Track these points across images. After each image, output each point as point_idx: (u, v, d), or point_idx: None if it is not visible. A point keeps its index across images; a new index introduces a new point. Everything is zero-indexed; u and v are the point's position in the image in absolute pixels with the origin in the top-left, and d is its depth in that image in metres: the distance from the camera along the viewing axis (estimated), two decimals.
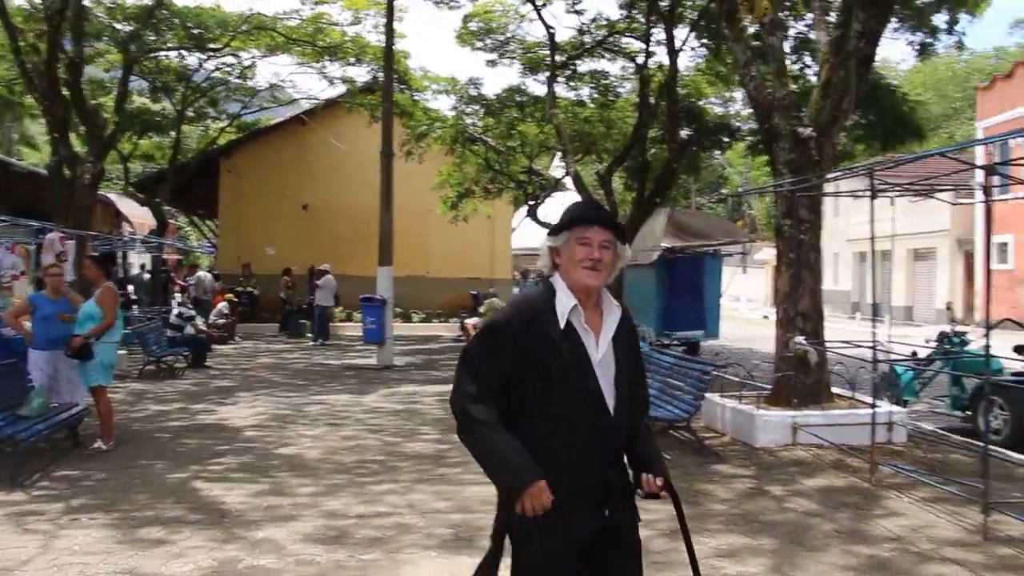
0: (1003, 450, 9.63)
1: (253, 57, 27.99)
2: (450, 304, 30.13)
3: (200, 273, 26.48)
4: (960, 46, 17.86)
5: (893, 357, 12.24)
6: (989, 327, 7.61)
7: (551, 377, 3.13)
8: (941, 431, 10.98)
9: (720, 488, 8.17)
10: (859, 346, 10.35)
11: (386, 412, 12.48)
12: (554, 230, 3.34)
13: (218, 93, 30.31)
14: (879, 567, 5.93)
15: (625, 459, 3.34)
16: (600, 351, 3.22)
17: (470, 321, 23.78)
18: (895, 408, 10.68)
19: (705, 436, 10.24)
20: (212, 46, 25.84)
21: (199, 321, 19.20)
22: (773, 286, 11.65)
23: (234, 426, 11.24)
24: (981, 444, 7.58)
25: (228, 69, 28.50)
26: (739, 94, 22.75)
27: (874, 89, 16.36)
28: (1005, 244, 32.40)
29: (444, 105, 29.62)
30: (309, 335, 24.47)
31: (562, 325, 3.16)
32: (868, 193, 9.02)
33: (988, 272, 8.33)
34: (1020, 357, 11.01)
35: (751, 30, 12.01)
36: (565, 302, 3.19)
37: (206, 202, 33.75)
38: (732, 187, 52.47)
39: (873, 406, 9.30)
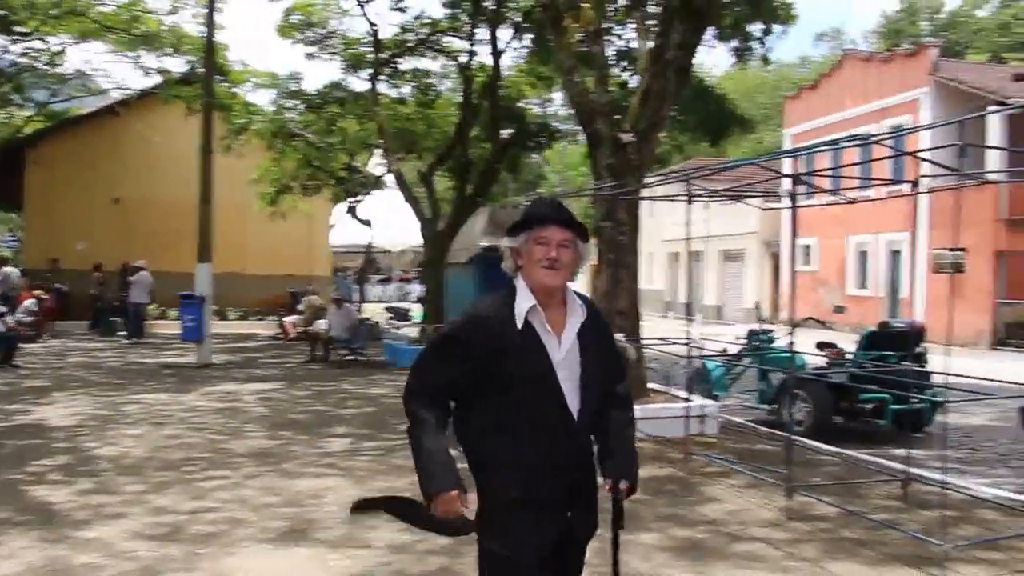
0: (805, 439, 10.24)
1: (63, 43, 26.75)
2: (268, 302, 29.61)
3: (7, 269, 25.09)
4: (766, 60, 18.92)
5: (705, 354, 12.83)
6: (794, 325, 8.15)
7: (511, 380, 3.08)
8: (750, 423, 11.60)
9: None
10: (675, 343, 10.82)
11: (208, 410, 12.23)
12: (512, 230, 3.28)
13: (24, 79, 28.81)
14: (695, 547, 6.31)
15: (595, 455, 3.33)
16: (562, 352, 3.16)
17: (288, 319, 23.45)
18: (707, 402, 11.22)
19: None
20: (19, 29, 24.56)
21: (9, 318, 18.26)
22: (592, 285, 12.02)
23: (53, 426, 10.85)
24: (785, 434, 8.12)
25: (36, 55, 27.14)
26: (558, 95, 23.29)
27: (702, 92, 17.13)
28: (808, 247, 34.21)
29: (264, 99, 29.11)
30: (121, 333, 23.60)
31: (519, 326, 3.10)
32: (685, 197, 9.47)
33: (793, 273, 8.88)
34: (822, 353, 11.78)
35: (576, 37, 12.34)
36: (523, 303, 3.13)
37: (10, 195, 31.97)
38: (549, 186, 53.47)
39: (687, 400, 9.77)
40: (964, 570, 5.80)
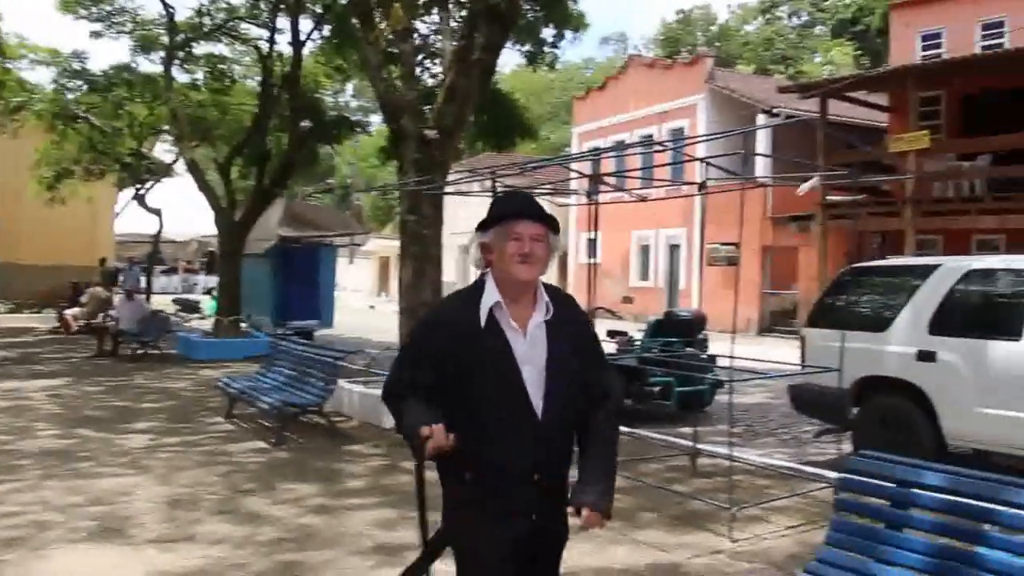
0: None
1: None
2: (46, 294, 28.20)
3: None
4: (551, 66, 19.71)
5: None
6: (590, 313, 8.70)
7: (474, 377, 3.05)
8: None
9: (357, 467, 8.66)
10: None
11: None
12: (482, 225, 3.22)
13: None
14: None
15: (572, 455, 3.25)
16: (526, 348, 3.10)
17: (69, 312, 22.36)
18: None
19: (336, 420, 10.66)
20: None
21: None
22: (398, 277, 12.31)
23: None
24: None
25: None
26: (351, 87, 23.23)
27: (493, 95, 17.57)
28: (593, 240, 35.55)
29: (44, 78, 27.54)
30: None
31: (483, 322, 3.07)
32: (490, 193, 9.88)
33: (593, 266, 9.48)
34: (613, 341, 12.53)
35: (385, 35, 12.55)
36: (488, 299, 3.11)
37: None
38: (341, 178, 53.22)
39: None
40: (747, 528, 6.49)
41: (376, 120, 35.42)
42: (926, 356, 8.04)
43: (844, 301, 9.36)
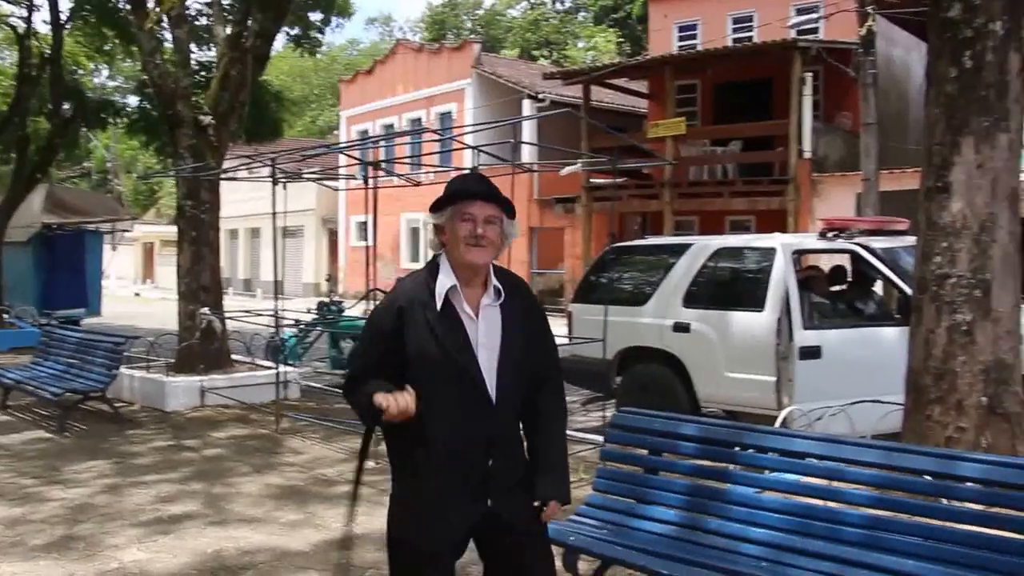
0: None
1: None
2: None
3: None
4: (312, 52, 19.99)
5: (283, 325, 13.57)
6: (367, 295, 9.23)
7: (427, 362, 3.02)
8: (328, 387, 12.60)
9: (142, 447, 8.89)
10: (260, 314, 11.57)
11: None
12: (435, 206, 3.17)
13: None
14: (296, 492, 7.19)
15: (524, 445, 3.26)
16: (482, 333, 3.09)
17: None
18: (288, 368, 12.07)
19: (119, 405, 10.71)
20: None
21: None
22: (176, 262, 12.37)
23: None
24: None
25: None
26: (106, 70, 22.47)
27: (260, 86, 17.63)
28: (365, 223, 35.83)
29: None
30: None
31: (438, 307, 3.05)
32: (270, 178, 10.24)
33: (375, 248, 10.02)
34: None
35: (158, 20, 12.53)
36: (443, 282, 3.07)
37: None
38: (98, 161, 51.07)
39: (277, 366, 10.61)
40: None
41: (134, 101, 34.33)
42: (681, 327, 8.74)
43: (607, 278, 9.92)
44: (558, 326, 11.91)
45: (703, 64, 23.92)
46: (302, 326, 14.13)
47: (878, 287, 9.24)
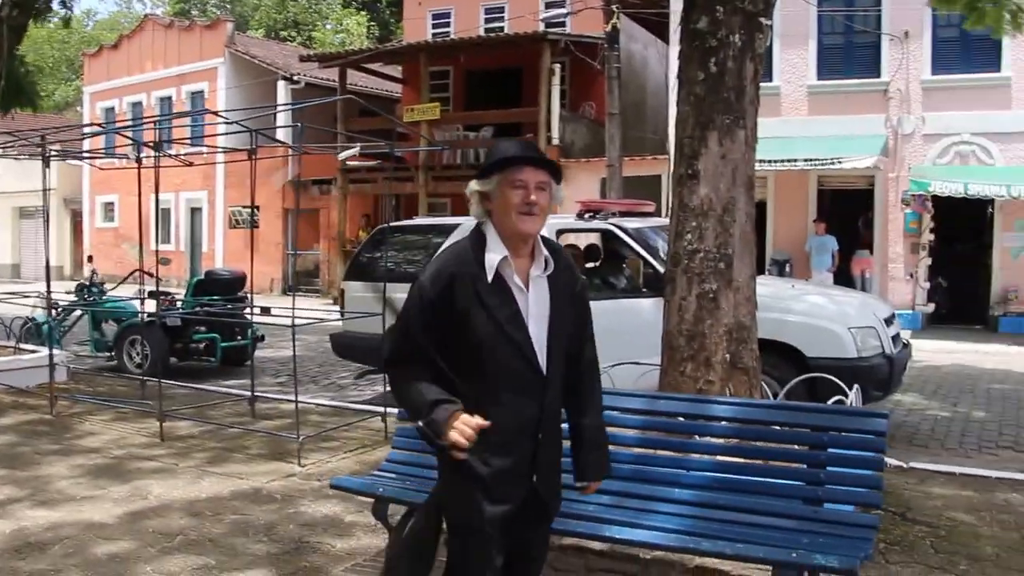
0: (164, 379, 11.44)
1: None
2: None
3: None
4: (67, 23, 19.28)
5: (38, 309, 13.15)
6: (127, 278, 9.28)
7: (479, 335, 2.96)
8: (98, 369, 12.43)
9: None
10: (27, 296, 11.30)
11: None
12: (482, 173, 3.07)
13: None
14: (98, 472, 7.25)
15: (567, 427, 3.27)
16: (532, 304, 3.05)
17: None
18: (57, 352, 11.83)
19: None
20: None
21: None
22: None
23: None
24: (136, 376, 9.54)
25: None
26: None
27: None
28: (112, 203, 34.53)
29: None
30: None
31: (490, 279, 2.98)
32: (38, 157, 10.11)
33: (155, 229, 10.13)
34: (153, 300, 13.02)
35: None
36: (495, 254, 3.00)
37: None
38: None
39: (51, 349, 10.46)
40: (313, 456, 7.67)
41: None
42: None
43: (379, 256, 10.35)
44: (318, 305, 12.32)
45: (457, 51, 24.88)
46: (59, 308, 13.78)
47: (627, 264, 10.22)
